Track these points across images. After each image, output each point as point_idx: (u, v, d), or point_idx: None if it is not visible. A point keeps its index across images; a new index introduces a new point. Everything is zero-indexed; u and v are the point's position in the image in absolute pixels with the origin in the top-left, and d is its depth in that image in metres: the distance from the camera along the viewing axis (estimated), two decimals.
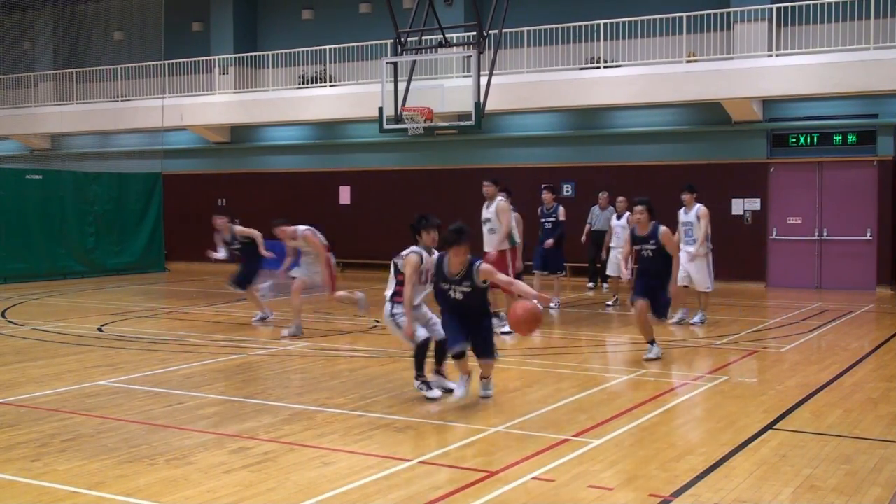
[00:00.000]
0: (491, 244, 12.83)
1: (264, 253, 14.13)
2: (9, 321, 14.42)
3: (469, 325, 8.17)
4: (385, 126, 17.64)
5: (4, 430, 7.39)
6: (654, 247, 10.71)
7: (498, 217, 12.75)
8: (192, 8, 28.07)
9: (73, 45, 31.16)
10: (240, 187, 26.06)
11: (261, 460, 6.47)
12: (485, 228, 12.95)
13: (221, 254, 14.49)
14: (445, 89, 18.35)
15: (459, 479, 6.05)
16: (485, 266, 8.14)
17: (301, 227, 12.77)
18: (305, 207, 23.83)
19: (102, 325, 13.83)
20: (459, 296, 8.12)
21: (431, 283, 8.43)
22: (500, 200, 12.92)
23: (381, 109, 17.51)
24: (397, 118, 17.41)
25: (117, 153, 28.65)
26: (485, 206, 13.06)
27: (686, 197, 13.99)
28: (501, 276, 8.45)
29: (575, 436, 7.13)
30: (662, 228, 10.75)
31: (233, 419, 7.75)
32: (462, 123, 17.24)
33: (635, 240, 10.94)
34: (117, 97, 27.67)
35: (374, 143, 24.27)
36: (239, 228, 14.30)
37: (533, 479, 6.02)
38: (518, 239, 13.13)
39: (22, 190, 21.82)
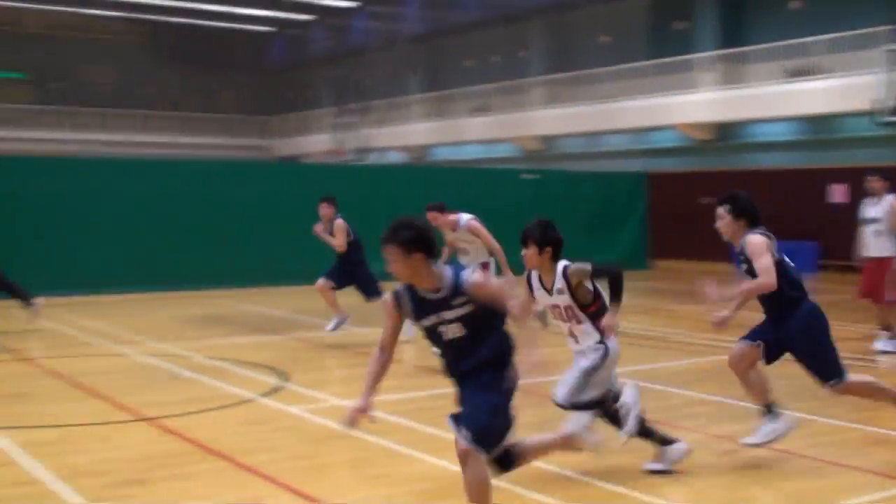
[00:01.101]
0: (877, 248, 11.18)
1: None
2: None
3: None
4: (882, 119, 16.67)
5: None
6: None
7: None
8: (675, 7, 28.38)
9: (563, 51, 33.08)
10: (723, 186, 25.61)
11: (750, 465, 6.45)
12: (869, 230, 11.33)
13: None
14: None
15: None
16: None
17: (465, 216, 10.74)
18: (791, 206, 23.05)
19: None
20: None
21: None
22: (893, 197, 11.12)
23: (876, 101, 16.57)
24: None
25: (604, 153, 29.90)
26: (870, 203, 11.38)
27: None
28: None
29: None
30: None
31: (722, 420, 7.80)
32: None
33: None
34: (604, 99, 28.79)
35: (869, 138, 22.76)
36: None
37: None
38: None
39: (518, 189, 23.51)
